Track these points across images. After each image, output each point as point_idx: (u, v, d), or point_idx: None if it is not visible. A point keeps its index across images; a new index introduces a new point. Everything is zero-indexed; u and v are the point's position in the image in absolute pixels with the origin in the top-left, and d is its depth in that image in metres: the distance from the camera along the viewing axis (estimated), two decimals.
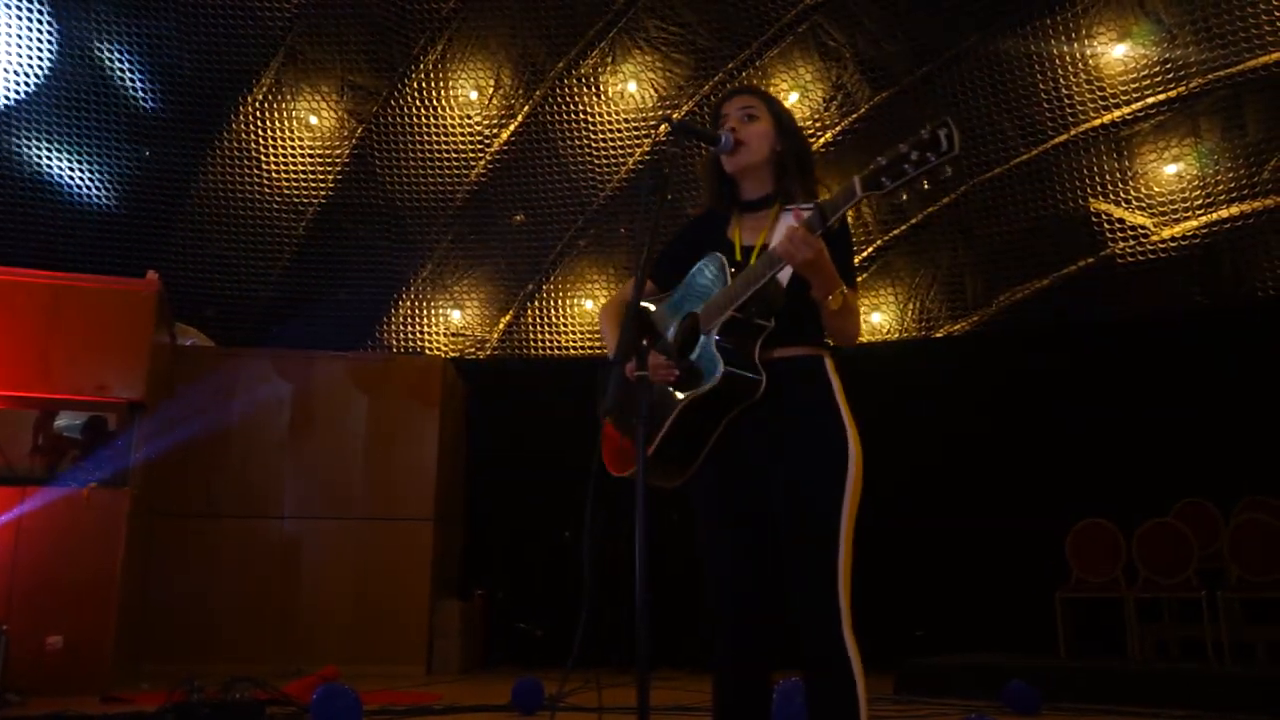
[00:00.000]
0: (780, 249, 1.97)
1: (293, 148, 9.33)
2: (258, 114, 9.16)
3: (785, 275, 2.08)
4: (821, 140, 8.94)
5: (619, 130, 9.37)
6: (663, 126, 2.26)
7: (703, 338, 2.10)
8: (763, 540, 2.13)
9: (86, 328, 6.59)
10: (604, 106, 9.34)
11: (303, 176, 9.42)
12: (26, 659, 5.59)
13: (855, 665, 1.98)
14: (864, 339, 9.22)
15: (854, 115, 8.89)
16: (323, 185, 9.47)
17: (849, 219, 2.21)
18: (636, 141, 9.39)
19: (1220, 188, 8.15)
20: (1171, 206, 8.36)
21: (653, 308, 2.33)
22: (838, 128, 8.96)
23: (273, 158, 9.31)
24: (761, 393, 2.07)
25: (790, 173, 2.25)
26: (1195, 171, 8.23)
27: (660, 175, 2.13)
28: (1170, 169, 8.30)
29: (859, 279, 9.30)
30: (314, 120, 9.27)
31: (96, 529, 6.27)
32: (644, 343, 2.06)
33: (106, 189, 8.72)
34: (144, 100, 8.61)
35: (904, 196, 1.86)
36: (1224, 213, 8.15)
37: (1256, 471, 7.28)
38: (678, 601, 5.31)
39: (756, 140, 2.25)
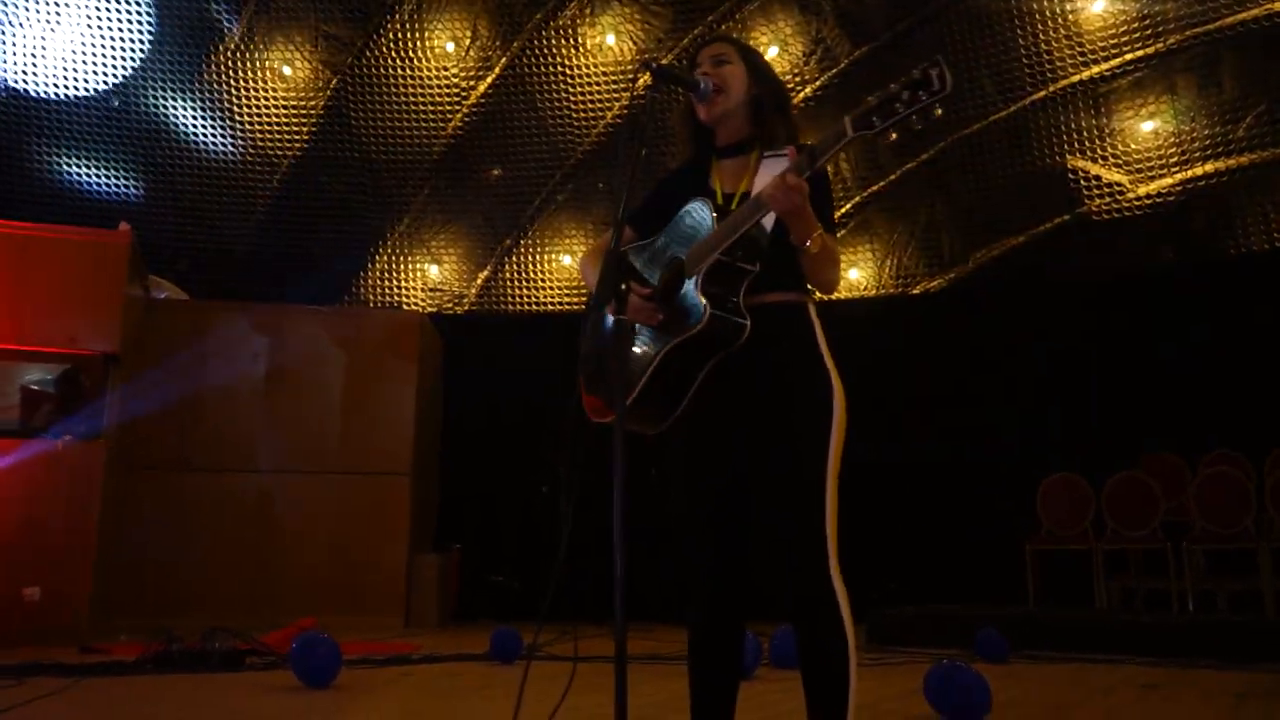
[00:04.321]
0: (767, 193, 1.96)
1: (266, 99, 9.20)
2: (230, 64, 9.01)
3: (769, 220, 2.08)
4: (801, 95, 8.91)
5: (597, 83, 9.30)
6: (642, 72, 2.24)
7: (688, 282, 2.09)
8: (741, 490, 2.15)
9: (58, 279, 6.51)
10: (582, 59, 9.25)
11: (277, 128, 9.30)
12: (3, 610, 5.59)
13: (844, 607, 1.99)
14: (843, 295, 9.28)
15: (833, 70, 8.86)
16: (297, 138, 9.35)
17: (829, 169, 2.20)
18: (615, 95, 9.32)
19: (1195, 145, 8.20)
20: (1147, 164, 8.41)
21: (634, 254, 2.32)
22: (817, 82, 8.93)
23: (246, 109, 9.18)
24: (746, 337, 2.07)
25: (768, 115, 2.24)
26: (1171, 129, 8.28)
27: (639, 122, 2.11)
28: (1146, 126, 8.34)
29: (838, 234, 9.35)
30: (288, 71, 9.13)
31: (72, 482, 6.25)
32: (624, 286, 2.05)
33: (78, 140, 8.57)
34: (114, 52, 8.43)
35: (893, 136, 1.85)
36: (1199, 170, 8.21)
37: (1223, 425, 7.41)
38: (655, 554, 5.37)
39: (732, 84, 2.24)
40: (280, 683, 4.31)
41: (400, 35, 9.10)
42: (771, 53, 8.90)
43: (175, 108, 8.98)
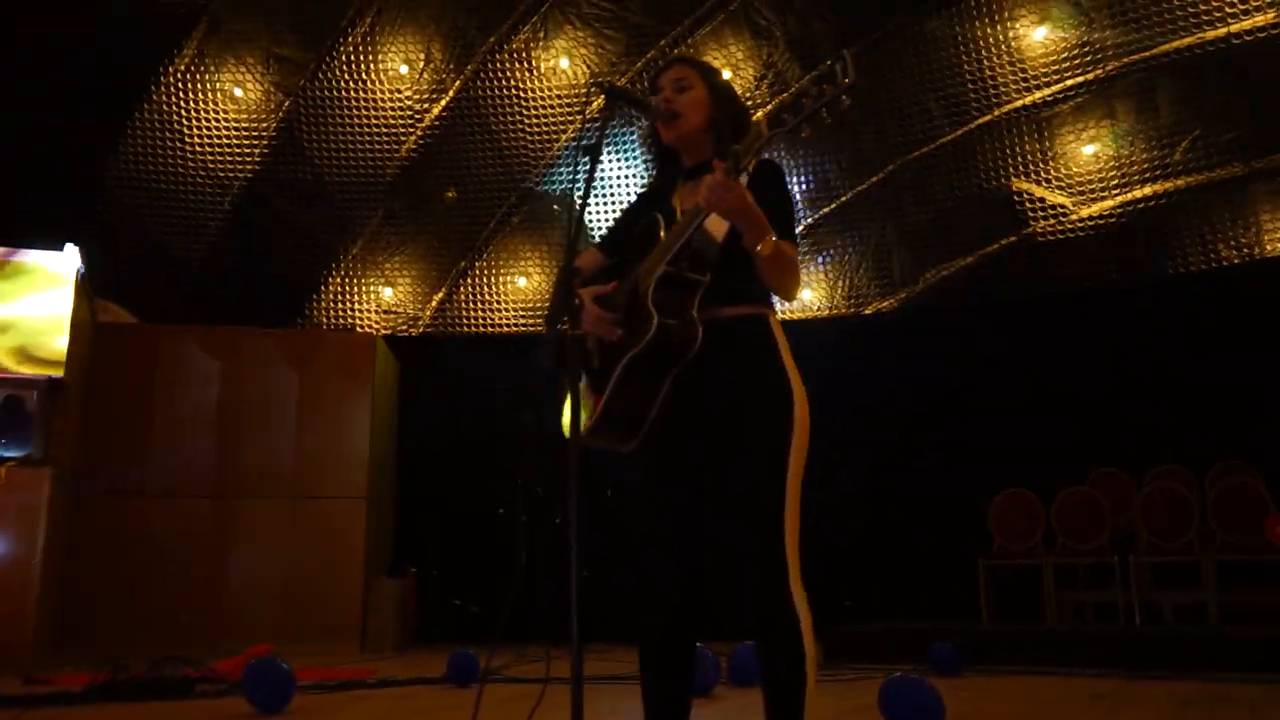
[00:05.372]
0: (702, 194, 1.98)
1: (217, 120, 9.12)
2: (180, 85, 8.93)
3: (721, 231, 2.11)
4: (754, 118, 9.01)
5: (552, 106, 9.35)
6: (596, 94, 2.27)
7: (640, 295, 2.11)
8: (699, 503, 2.16)
9: (5, 303, 6.40)
10: (536, 82, 9.30)
11: (228, 150, 9.22)
12: None
13: (804, 622, 2.00)
14: (796, 315, 9.38)
15: (784, 93, 8.97)
16: (249, 159, 9.28)
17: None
18: (569, 118, 9.37)
19: (1135, 168, 8.43)
20: (1089, 186, 8.63)
21: (601, 277, 2.35)
22: (768, 105, 9.04)
23: (196, 130, 9.09)
24: (699, 344, 2.07)
25: (726, 138, 2.27)
26: (1111, 152, 8.50)
27: (594, 139, 2.13)
28: (1088, 150, 8.56)
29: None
30: (239, 92, 9.07)
31: (15, 509, 6.13)
32: (575, 301, 2.06)
33: (23, 159, 8.43)
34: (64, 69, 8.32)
35: (805, 134, 1.88)
36: (1138, 193, 8.44)
37: (1166, 441, 7.60)
38: (611, 573, 5.38)
39: (690, 109, 2.26)
40: (233, 710, 4.25)
41: (353, 57, 9.08)
42: (724, 76, 9.01)
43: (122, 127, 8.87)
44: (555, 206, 9.60)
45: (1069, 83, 8.31)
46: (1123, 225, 8.57)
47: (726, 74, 8.99)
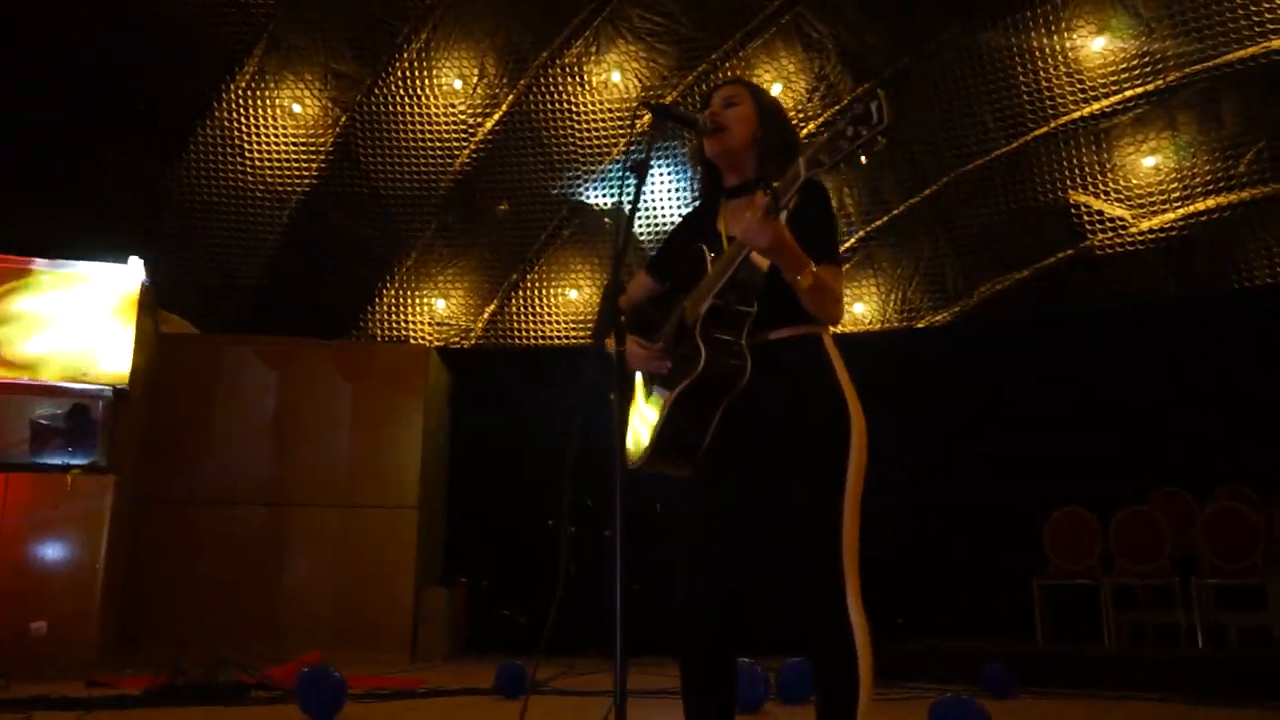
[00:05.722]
0: (741, 235, 2.00)
1: (276, 136, 9.32)
2: (241, 102, 9.14)
3: (766, 260, 2.12)
4: (805, 131, 9.00)
5: (603, 120, 9.41)
6: (642, 111, 2.28)
7: (689, 328, 2.13)
8: (746, 526, 2.17)
9: (70, 315, 6.58)
10: (588, 96, 9.36)
11: (287, 164, 9.41)
12: (11, 644, 5.60)
13: (860, 642, 1.99)
14: (847, 329, 9.32)
15: (836, 106, 8.95)
16: (307, 173, 9.46)
17: (831, 198, 2.24)
18: (621, 131, 9.42)
19: (1197, 180, 8.26)
20: (1150, 199, 8.46)
21: (651, 305, 2.38)
22: (820, 119, 9.02)
23: (257, 145, 9.30)
24: (748, 378, 2.09)
25: (771, 158, 2.27)
26: (1173, 164, 8.34)
27: (642, 156, 2.15)
28: (1148, 161, 8.40)
29: (843, 269, 9.40)
30: (297, 108, 9.25)
31: (80, 515, 6.28)
32: (620, 318, 2.08)
33: (89, 174, 8.68)
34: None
35: (840, 168, 1.90)
36: (1200, 205, 8.26)
37: (1230, 460, 7.41)
38: (663, 588, 5.37)
39: (736, 124, 2.27)
40: (285, 716, 4.30)
41: (408, 73, 9.22)
42: (775, 90, 9.01)
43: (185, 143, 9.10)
44: (606, 220, 9.64)
45: (1128, 94, 8.17)
46: (1184, 238, 8.39)
47: (778, 87, 8.97)
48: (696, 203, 2.47)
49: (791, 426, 2.11)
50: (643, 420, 2.25)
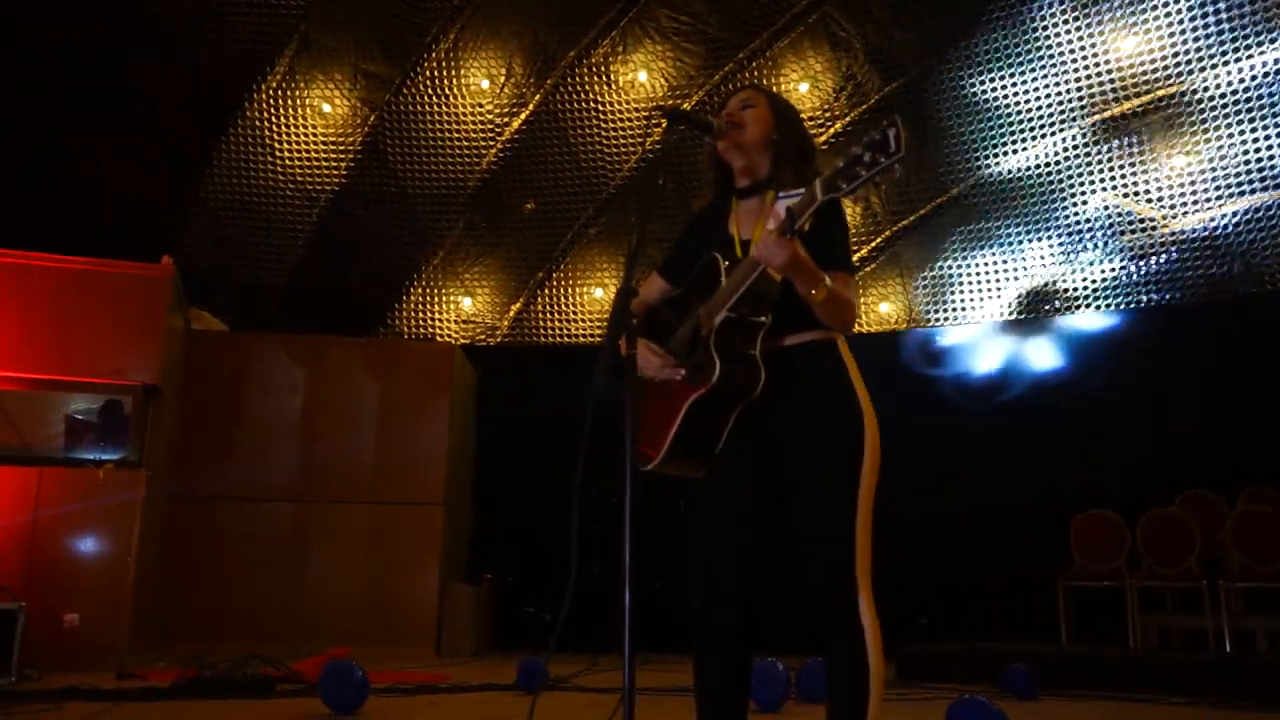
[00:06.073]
0: (756, 254, 2.03)
1: (306, 135, 9.42)
2: (271, 101, 9.24)
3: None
4: (831, 130, 8.97)
5: (630, 119, 9.42)
6: (657, 117, 2.31)
7: (703, 338, 2.16)
8: (757, 539, 2.19)
9: (103, 312, 6.70)
10: (615, 96, 9.38)
11: (316, 164, 9.50)
12: (44, 636, 5.71)
13: (871, 642, 2.01)
14: (874, 329, 9.28)
15: (864, 105, 8.91)
16: (336, 172, 9.55)
17: (850, 202, 2.25)
18: (647, 131, 9.43)
19: (1231, 179, 8.15)
20: (1182, 198, 8.35)
21: (666, 308, 2.40)
22: (847, 118, 8.99)
23: (286, 145, 9.40)
24: (761, 387, 2.11)
25: (786, 160, 2.29)
26: (1205, 164, 8.22)
27: (657, 160, 2.18)
28: (1179, 160, 8.29)
29: (868, 268, 9.33)
30: (327, 108, 9.35)
31: (112, 509, 6.39)
32: (633, 321, 2.11)
33: (122, 173, 8.81)
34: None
35: (860, 196, 1.92)
36: (1233, 205, 8.16)
37: (1260, 461, 7.31)
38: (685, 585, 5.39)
39: (752, 123, 2.30)
40: (309, 710, 4.37)
41: (436, 73, 9.29)
42: (802, 89, 8.99)
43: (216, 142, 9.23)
44: (632, 219, 9.66)
45: (1159, 93, 8.08)
46: (1216, 238, 8.29)
47: (805, 86, 8.92)
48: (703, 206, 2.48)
49: (805, 430, 2.14)
50: (656, 422, 2.27)
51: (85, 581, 6.21)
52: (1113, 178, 8.54)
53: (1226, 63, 7.75)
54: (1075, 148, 8.57)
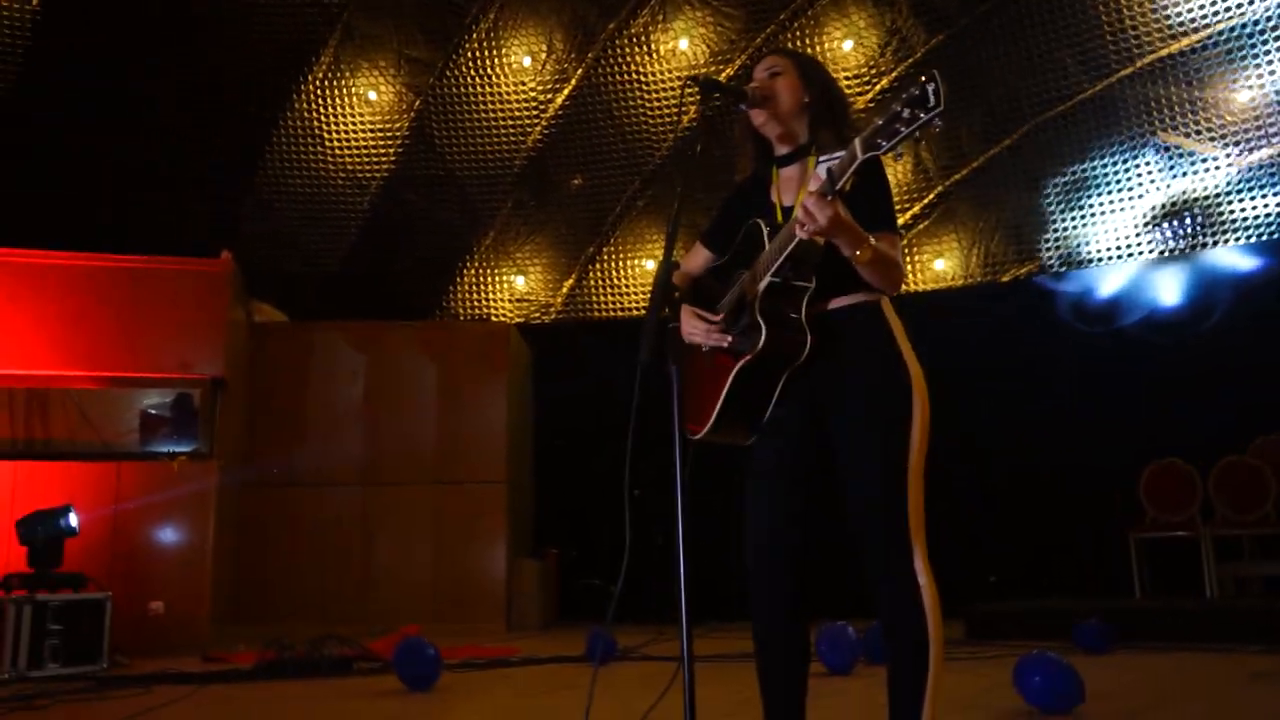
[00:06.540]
0: (798, 216, 2.01)
1: (354, 123, 9.53)
2: (319, 92, 9.35)
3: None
4: (878, 87, 8.83)
5: (672, 88, 9.36)
6: (689, 87, 2.29)
7: (749, 304, 2.16)
8: (813, 493, 2.19)
9: (168, 308, 6.89)
10: (656, 65, 9.33)
11: (365, 151, 9.62)
12: (131, 623, 5.92)
13: (928, 601, 2.01)
14: (929, 286, 9.15)
15: (910, 60, 8.76)
16: (384, 158, 9.65)
17: (894, 160, 2.22)
18: (681, 103, 9.35)
19: None
20: (1244, 135, 8.10)
21: (711, 277, 2.40)
22: (894, 74, 8.84)
23: (335, 134, 9.52)
24: (808, 352, 2.11)
25: (822, 122, 2.28)
26: (1269, 98, 7.95)
27: (696, 133, 2.17)
28: (1242, 97, 8.03)
29: (921, 224, 9.19)
30: (373, 95, 9.44)
31: (188, 500, 6.60)
32: (675, 294, 2.11)
33: (181, 171, 9.00)
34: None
35: (900, 153, 1.89)
36: None
37: None
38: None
39: (783, 92, 2.28)
40: (385, 687, 4.48)
41: (478, 54, 9.32)
42: (846, 46, 8.85)
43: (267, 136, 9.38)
44: (677, 189, 9.62)
45: (1217, 27, 7.81)
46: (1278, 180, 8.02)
47: (849, 43, 8.78)
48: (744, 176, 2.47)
49: (854, 393, 2.13)
50: (703, 393, 2.27)
51: (166, 570, 6.44)
52: (1173, 117, 8.28)
53: None
54: (1130, 89, 8.32)
